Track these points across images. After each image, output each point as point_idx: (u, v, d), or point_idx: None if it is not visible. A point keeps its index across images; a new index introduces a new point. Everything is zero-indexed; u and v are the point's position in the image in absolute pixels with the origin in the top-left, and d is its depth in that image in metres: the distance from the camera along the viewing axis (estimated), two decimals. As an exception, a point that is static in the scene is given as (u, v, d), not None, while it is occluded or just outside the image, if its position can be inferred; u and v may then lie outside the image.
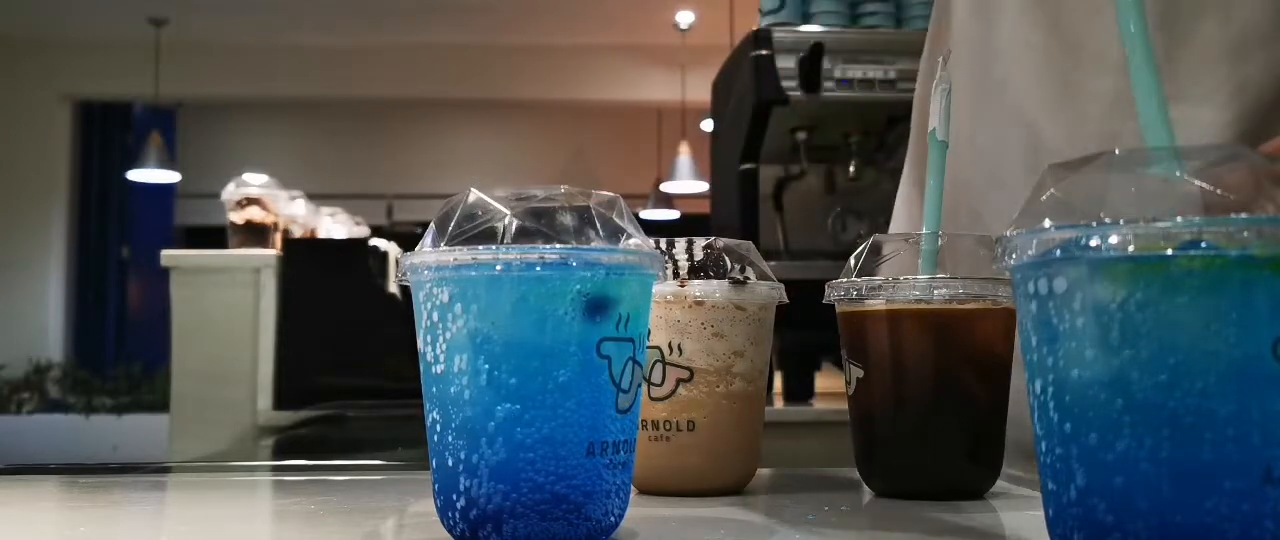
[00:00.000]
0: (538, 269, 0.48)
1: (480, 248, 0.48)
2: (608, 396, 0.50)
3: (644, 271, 0.51)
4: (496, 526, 0.49)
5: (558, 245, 0.49)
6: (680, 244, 0.71)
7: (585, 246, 0.49)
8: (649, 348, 0.68)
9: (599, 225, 0.51)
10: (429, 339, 0.50)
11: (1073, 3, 0.90)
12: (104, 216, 7.82)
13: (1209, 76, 0.83)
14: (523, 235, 0.49)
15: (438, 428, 0.50)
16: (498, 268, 0.48)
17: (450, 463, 0.50)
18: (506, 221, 0.50)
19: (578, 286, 0.48)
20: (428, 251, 0.50)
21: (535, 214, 0.50)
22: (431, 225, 0.51)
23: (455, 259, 0.48)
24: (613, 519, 0.51)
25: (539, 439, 0.48)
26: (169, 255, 2.90)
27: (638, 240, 0.52)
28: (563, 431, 0.49)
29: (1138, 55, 0.42)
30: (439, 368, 0.50)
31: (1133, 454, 0.39)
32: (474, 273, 0.48)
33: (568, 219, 0.51)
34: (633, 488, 0.71)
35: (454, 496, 0.50)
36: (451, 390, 0.49)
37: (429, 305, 0.50)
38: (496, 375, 0.48)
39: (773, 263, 0.77)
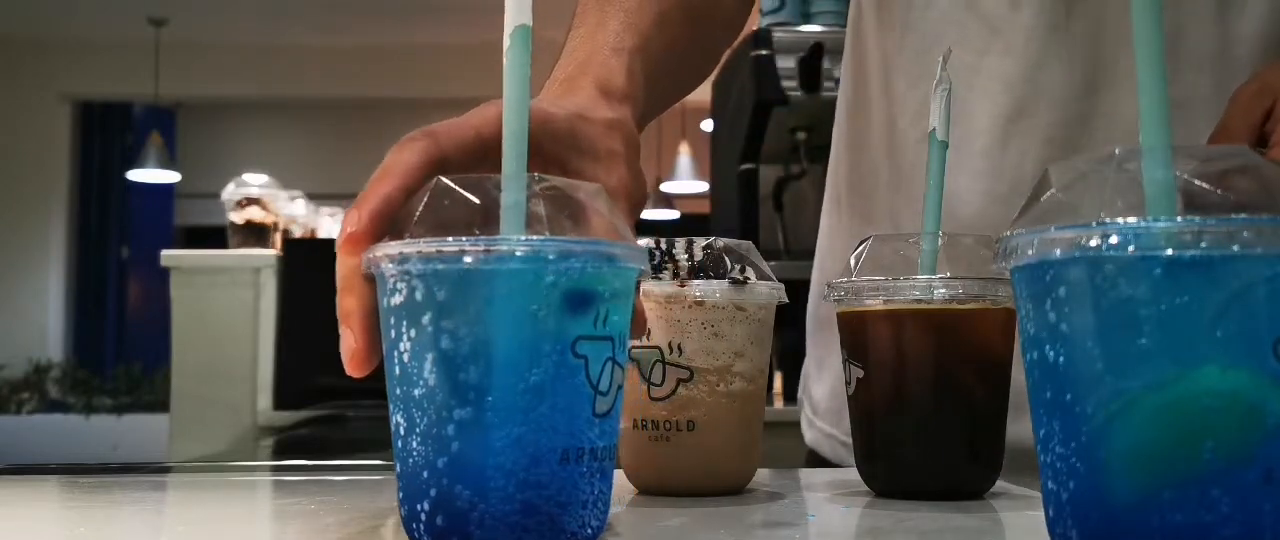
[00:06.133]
0: (508, 261, 0.44)
1: (447, 239, 0.44)
2: (584, 399, 0.46)
3: (623, 264, 0.47)
4: (464, 538, 0.45)
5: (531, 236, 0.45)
6: (680, 244, 0.71)
7: (559, 237, 0.45)
8: (649, 348, 0.68)
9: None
10: (392, 337, 0.46)
11: None
12: (104, 216, 7.82)
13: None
14: (493, 225, 0.46)
15: (402, 432, 0.47)
16: (465, 259, 0.44)
17: (415, 469, 0.46)
18: (476, 211, 0.46)
19: (551, 280, 0.44)
20: (389, 242, 0.46)
21: None
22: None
23: (419, 250, 0.44)
24: (589, 531, 0.47)
25: (509, 444, 0.44)
26: (169, 255, 2.90)
27: None
28: (535, 437, 0.45)
29: (1144, 52, 0.42)
30: (402, 368, 0.46)
31: (1133, 454, 0.39)
32: (440, 265, 0.44)
33: (542, 208, 0.46)
34: (632, 488, 0.71)
35: (419, 506, 0.46)
36: (416, 392, 0.45)
37: (392, 300, 0.46)
38: (464, 376, 0.44)
39: (773, 263, 0.77)
